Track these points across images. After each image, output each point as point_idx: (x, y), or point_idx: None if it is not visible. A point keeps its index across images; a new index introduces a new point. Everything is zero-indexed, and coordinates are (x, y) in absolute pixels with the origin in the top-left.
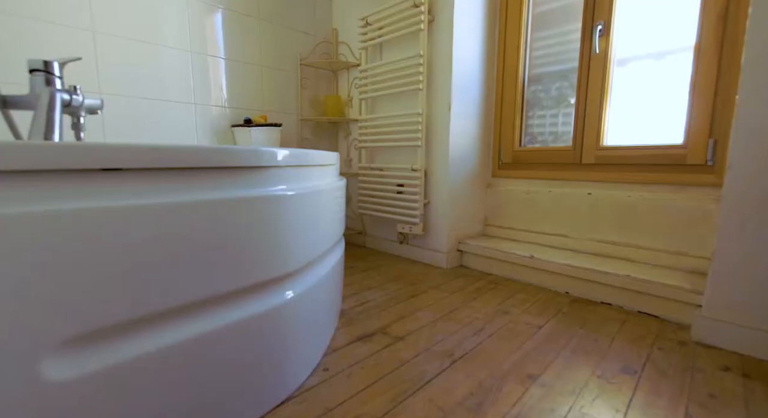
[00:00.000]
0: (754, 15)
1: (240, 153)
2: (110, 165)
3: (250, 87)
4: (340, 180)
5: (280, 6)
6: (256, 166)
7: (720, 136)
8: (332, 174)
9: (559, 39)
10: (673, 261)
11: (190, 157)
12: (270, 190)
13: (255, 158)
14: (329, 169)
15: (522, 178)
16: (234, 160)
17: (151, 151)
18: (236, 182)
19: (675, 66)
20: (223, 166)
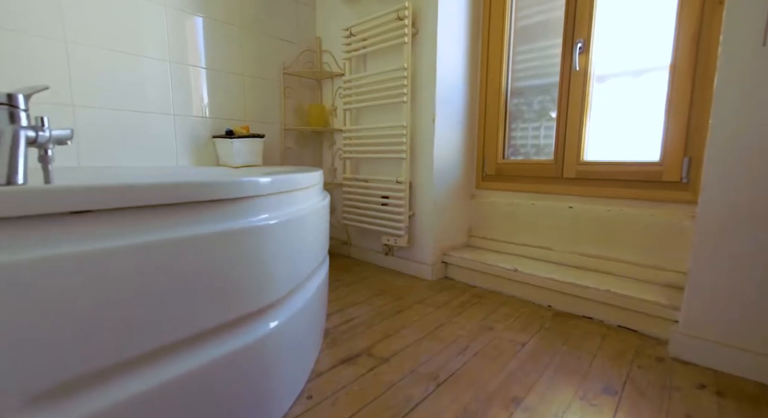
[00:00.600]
0: (725, 41)
1: (220, 186)
2: (80, 208)
3: (232, 97)
4: (324, 198)
5: (262, 14)
6: (237, 197)
7: (694, 155)
8: (316, 193)
9: (540, 53)
10: (651, 275)
11: (167, 193)
12: (252, 220)
13: (236, 190)
14: (313, 190)
15: (505, 190)
16: (214, 193)
17: (123, 191)
18: (216, 215)
19: (652, 84)
20: (202, 200)
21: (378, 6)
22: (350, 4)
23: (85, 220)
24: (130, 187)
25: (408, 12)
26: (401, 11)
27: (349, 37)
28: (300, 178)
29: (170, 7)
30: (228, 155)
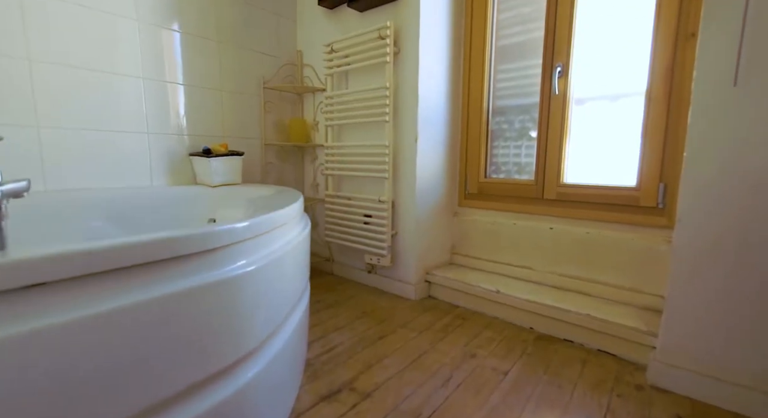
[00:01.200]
0: (698, 80)
1: (191, 239)
2: (34, 281)
3: (209, 113)
4: (304, 228)
5: (241, 28)
6: (211, 249)
7: (669, 181)
8: (296, 224)
9: (520, 72)
10: (629, 297)
11: (133, 253)
12: (228, 270)
13: (210, 241)
14: (292, 222)
15: (487, 209)
16: (185, 248)
17: (82, 257)
18: (188, 270)
19: (629, 109)
20: (171, 257)
21: (360, 23)
22: (332, 20)
23: (40, 293)
24: (90, 252)
25: (389, 31)
26: (383, 30)
27: (331, 53)
28: (279, 216)
29: (143, 22)
30: (206, 174)
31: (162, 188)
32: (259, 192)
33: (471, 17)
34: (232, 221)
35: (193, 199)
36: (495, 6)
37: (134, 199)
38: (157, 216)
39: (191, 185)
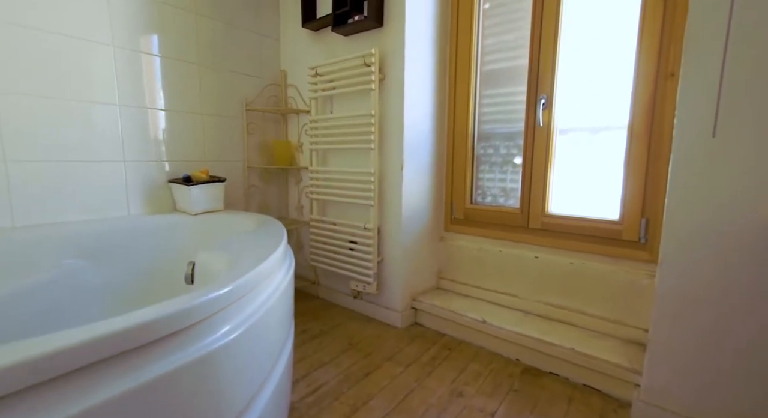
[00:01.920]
0: (678, 129)
1: (165, 320)
2: None
3: (189, 137)
4: (288, 270)
5: (221, 49)
6: (188, 326)
7: (651, 217)
8: (280, 268)
9: (506, 98)
10: (612, 329)
11: (99, 349)
12: (209, 342)
13: (190, 317)
14: (277, 268)
15: (474, 235)
16: (158, 330)
17: (39, 363)
18: (165, 353)
19: (613, 141)
20: (142, 344)
21: (345, 47)
22: (316, 41)
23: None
24: (46, 356)
25: (374, 59)
26: (368, 58)
27: (315, 76)
28: (264, 269)
29: (119, 48)
30: (186, 202)
31: (139, 218)
32: (240, 224)
33: (456, 42)
34: (214, 287)
35: (173, 229)
36: (479, 32)
37: (110, 232)
38: (134, 250)
39: (170, 214)
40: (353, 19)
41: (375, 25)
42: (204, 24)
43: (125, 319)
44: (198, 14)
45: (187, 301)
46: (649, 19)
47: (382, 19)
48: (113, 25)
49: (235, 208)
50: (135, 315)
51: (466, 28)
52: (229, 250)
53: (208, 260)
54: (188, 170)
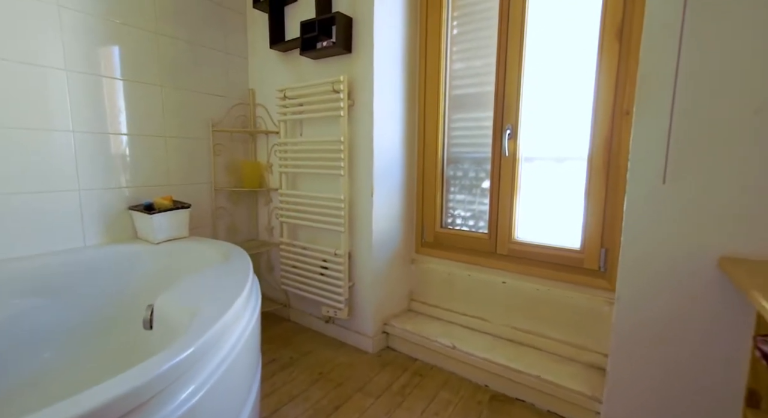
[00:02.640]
0: (632, 173)
1: (119, 401)
2: None
3: (152, 161)
4: (254, 309)
5: (185, 70)
6: (146, 400)
7: (610, 247)
8: (246, 308)
9: (475, 123)
10: (576, 354)
11: None
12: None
13: (143, 393)
14: (243, 309)
15: (443, 258)
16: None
17: None
18: None
19: (575, 171)
20: None
21: (314, 70)
22: (285, 62)
23: None
24: None
25: (343, 86)
26: (336, 84)
27: (284, 99)
28: (230, 318)
29: (72, 72)
30: (147, 230)
31: (96, 249)
32: (205, 254)
33: (425, 66)
34: (173, 351)
35: (133, 260)
36: (448, 57)
37: (62, 266)
38: (90, 285)
39: (131, 242)
40: (322, 45)
41: (344, 52)
42: (166, 44)
43: (73, 404)
44: (159, 34)
45: (144, 373)
46: (606, 58)
47: (351, 46)
48: (66, 48)
49: (203, 231)
50: (85, 398)
51: (435, 52)
52: (190, 294)
53: (168, 307)
54: (151, 196)
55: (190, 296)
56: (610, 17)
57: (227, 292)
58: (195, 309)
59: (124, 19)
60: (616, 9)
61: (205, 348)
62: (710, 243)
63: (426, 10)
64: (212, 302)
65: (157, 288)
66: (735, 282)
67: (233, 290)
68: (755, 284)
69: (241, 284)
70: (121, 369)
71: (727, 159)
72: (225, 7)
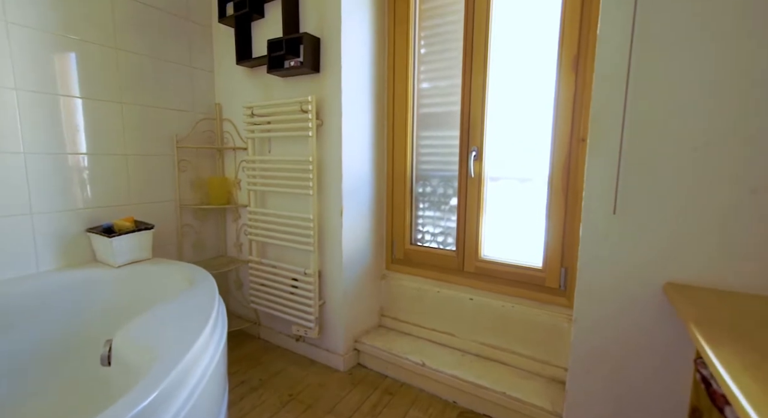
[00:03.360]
0: (586, 202)
1: None
2: None
3: (112, 181)
4: (220, 340)
5: (148, 85)
6: None
7: (569, 266)
8: (211, 338)
9: (443, 141)
10: (539, 368)
11: None
12: None
13: None
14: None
15: (413, 275)
16: None
17: None
18: None
19: (537, 192)
20: None
21: (282, 88)
22: (252, 78)
23: None
24: None
25: (311, 106)
26: (304, 104)
27: (252, 116)
28: (193, 356)
29: (24, 91)
30: (107, 253)
31: (50, 275)
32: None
33: (393, 85)
34: (131, 401)
35: (90, 287)
36: (416, 76)
37: (12, 296)
38: (43, 315)
39: (89, 267)
40: (289, 64)
41: (312, 72)
42: (126, 59)
43: None
44: (119, 49)
45: None
46: (564, 87)
47: (319, 66)
48: (16, 67)
49: (168, 249)
50: None
51: (403, 71)
52: (151, 330)
53: (127, 345)
54: (111, 216)
55: (152, 333)
56: (566, 49)
57: (191, 326)
58: (156, 348)
59: (80, 35)
60: (572, 42)
61: (168, 392)
62: (656, 270)
63: (393, 30)
64: (175, 340)
65: (117, 318)
66: (676, 309)
67: (197, 323)
68: (691, 314)
69: (206, 314)
70: (76, 409)
71: (670, 192)
72: (190, 21)
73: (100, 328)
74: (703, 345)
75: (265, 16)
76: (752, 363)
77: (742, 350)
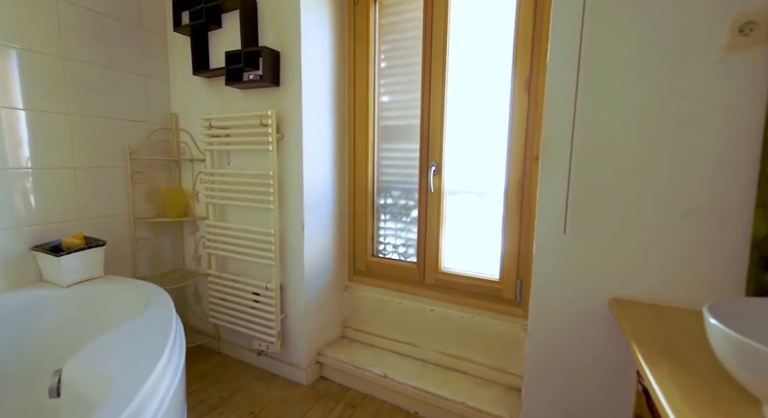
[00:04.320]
0: (538, 222)
1: None
2: None
3: (60, 196)
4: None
5: (98, 95)
6: None
7: (524, 279)
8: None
9: (402, 154)
10: (497, 376)
11: None
12: None
13: None
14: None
15: (375, 286)
16: None
17: None
18: None
19: (494, 205)
20: None
21: (241, 100)
22: (210, 88)
23: None
24: None
25: (271, 120)
26: (264, 118)
27: (210, 128)
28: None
29: None
30: (55, 273)
31: None
32: (122, 300)
33: (354, 98)
34: None
35: (37, 309)
36: (376, 89)
37: None
38: None
39: (35, 287)
40: (248, 77)
41: (271, 85)
42: (75, 69)
43: None
44: (67, 59)
45: None
46: (518, 106)
47: (279, 80)
48: None
49: (121, 265)
50: None
51: (364, 85)
52: (105, 359)
53: (79, 376)
54: (59, 232)
55: (105, 362)
56: (519, 70)
57: (147, 353)
58: (110, 380)
59: (22, 44)
60: (524, 64)
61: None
62: (603, 287)
63: (354, 44)
64: (130, 369)
65: (67, 342)
66: (619, 326)
67: (154, 349)
68: (633, 332)
69: (163, 339)
70: None
71: (614, 214)
72: (143, 28)
73: (48, 353)
74: (642, 365)
75: (222, 26)
76: (685, 385)
77: (677, 372)
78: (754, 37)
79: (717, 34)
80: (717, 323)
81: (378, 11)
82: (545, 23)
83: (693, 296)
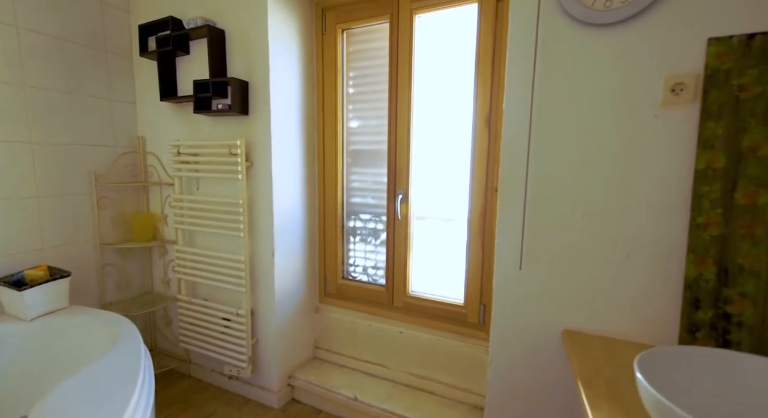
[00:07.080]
0: (498, 257)
1: None
2: None
3: (20, 226)
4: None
5: (61, 122)
6: None
7: (487, 303)
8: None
9: (371, 177)
10: (462, 396)
11: None
12: None
13: None
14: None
15: (346, 308)
16: None
17: None
18: None
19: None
20: None
21: (210, 127)
22: (179, 113)
23: None
24: None
25: (240, 150)
26: (233, 148)
27: (179, 155)
28: None
29: None
30: (17, 307)
31: None
32: (89, 334)
33: (323, 123)
34: None
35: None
36: (345, 114)
37: None
38: None
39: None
40: (217, 107)
41: (240, 114)
42: (36, 96)
43: None
44: (27, 86)
45: None
46: (479, 140)
47: (248, 109)
48: None
49: (89, 292)
50: None
51: (332, 110)
52: (72, 405)
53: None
54: (21, 264)
55: (73, 409)
56: (480, 106)
57: (116, 397)
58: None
59: None
60: (484, 100)
61: None
62: (556, 318)
63: (322, 71)
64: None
65: (32, 379)
66: (569, 362)
67: (123, 392)
68: (579, 369)
69: (132, 379)
70: None
71: (565, 252)
72: (109, 52)
73: (11, 391)
74: (587, 409)
75: (190, 53)
76: None
77: (615, 416)
78: (684, 96)
79: (653, 92)
80: (643, 380)
81: (346, 39)
82: (503, 65)
83: (636, 330)
